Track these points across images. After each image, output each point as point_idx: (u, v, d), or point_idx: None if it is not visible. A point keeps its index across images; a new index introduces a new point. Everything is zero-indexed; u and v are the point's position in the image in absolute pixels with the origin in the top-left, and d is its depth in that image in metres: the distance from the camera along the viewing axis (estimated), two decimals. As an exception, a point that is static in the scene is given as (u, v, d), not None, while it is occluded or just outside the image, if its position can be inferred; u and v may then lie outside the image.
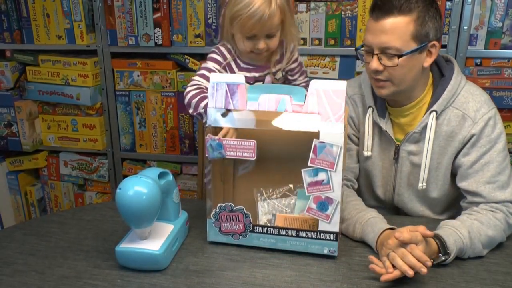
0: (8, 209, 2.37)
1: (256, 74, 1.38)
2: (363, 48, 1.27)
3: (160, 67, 2.06)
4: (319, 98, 1.09)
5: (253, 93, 1.13)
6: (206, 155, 1.16)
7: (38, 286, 1.07)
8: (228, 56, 1.36)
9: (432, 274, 1.10)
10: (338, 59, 1.90)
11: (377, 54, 1.21)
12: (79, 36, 2.06)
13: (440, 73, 1.32)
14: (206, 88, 1.26)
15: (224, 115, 1.13)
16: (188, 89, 1.31)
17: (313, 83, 1.10)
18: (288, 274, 1.11)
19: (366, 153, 1.37)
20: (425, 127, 1.28)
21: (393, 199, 1.42)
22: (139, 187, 1.05)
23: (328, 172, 1.10)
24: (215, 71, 1.34)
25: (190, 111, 1.29)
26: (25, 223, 1.39)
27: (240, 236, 1.20)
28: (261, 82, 1.38)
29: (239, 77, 1.14)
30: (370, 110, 1.35)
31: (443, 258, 1.11)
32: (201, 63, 2.01)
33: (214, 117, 1.14)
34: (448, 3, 1.77)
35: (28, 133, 2.21)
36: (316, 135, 1.08)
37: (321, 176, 1.11)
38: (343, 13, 1.84)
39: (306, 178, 1.12)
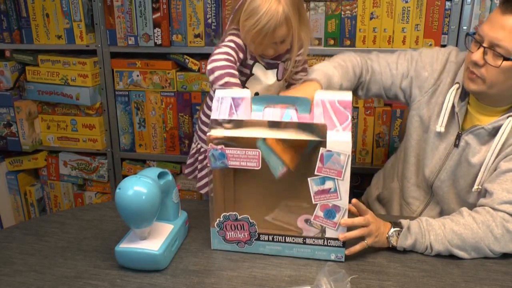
0: (8, 209, 2.37)
1: (269, 60, 1.35)
2: (475, 36, 1.19)
3: (160, 67, 2.06)
4: (324, 109, 1.07)
5: (257, 104, 1.11)
6: (208, 164, 1.13)
7: (38, 286, 1.07)
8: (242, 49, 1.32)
9: (432, 274, 1.10)
10: (337, 59, 1.90)
11: (484, 47, 1.14)
12: (78, 36, 2.06)
13: None
14: (233, 65, 1.24)
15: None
16: (216, 57, 1.24)
17: (318, 94, 1.08)
18: (288, 274, 1.11)
19: (440, 128, 1.30)
20: (495, 129, 1.21)
21: (433, 182, 1.37)
22: (138, 187, 1.05)
23: (336, 180, 1.07)
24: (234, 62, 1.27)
25: (211, 78, 1.23)
26: (24, 223, 1.38)
27: (246, 244, 1.18)
28: (276, 69, 1.36)
29: (244, 92, 1.13)
30: (455, 86, 1.28)
31: (393, 230, 1.15)
32: (201, 63, 2.03)
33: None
34: (448, 3, 1.78)
35: (27, 133, 2.21)
36: (323, 143, 1.05)
37: (328, 184, 1.08)
38: (342, 13, 1.84)
39: (313, 186, 1.09)
